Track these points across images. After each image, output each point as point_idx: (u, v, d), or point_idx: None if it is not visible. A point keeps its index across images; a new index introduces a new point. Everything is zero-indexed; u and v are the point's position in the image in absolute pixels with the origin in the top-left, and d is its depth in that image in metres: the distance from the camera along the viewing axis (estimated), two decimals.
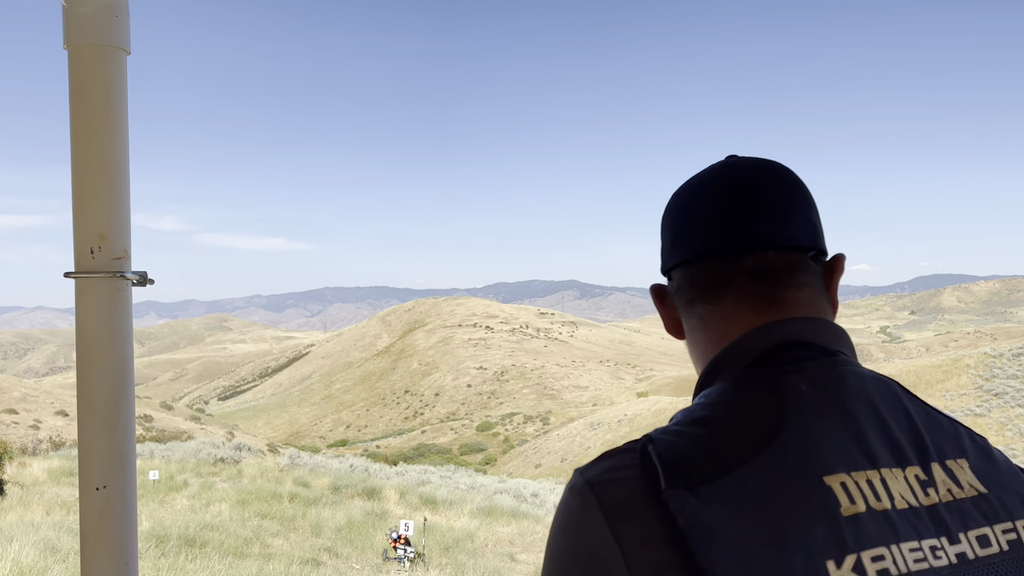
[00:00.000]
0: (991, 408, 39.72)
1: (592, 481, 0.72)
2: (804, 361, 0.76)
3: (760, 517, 0.65)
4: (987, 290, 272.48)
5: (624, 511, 0.68)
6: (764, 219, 0.81)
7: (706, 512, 0.65)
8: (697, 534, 0.64)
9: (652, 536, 0.65)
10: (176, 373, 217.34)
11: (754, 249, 0.81)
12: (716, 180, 0.86)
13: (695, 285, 0.85)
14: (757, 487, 0.66)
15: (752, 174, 0.85)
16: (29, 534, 7.92)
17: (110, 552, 1.15)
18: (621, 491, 0.69)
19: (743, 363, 0.78)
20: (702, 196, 0.86)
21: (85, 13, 1.16)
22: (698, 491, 0.66)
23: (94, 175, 1.17)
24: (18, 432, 33.45)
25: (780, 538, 0.64)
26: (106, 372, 1.15)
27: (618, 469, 0.72)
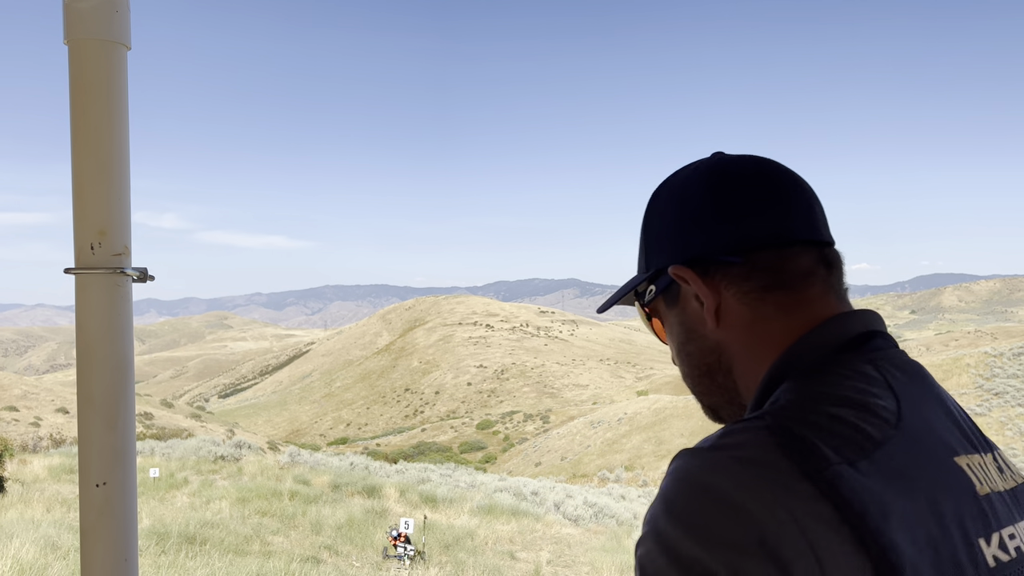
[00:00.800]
0: (991, 407, 39.72)
1: (741, 458, 0.66)
2: (886, 349, 0.78)
3: (915, 493, 0.65)
4: (988, 289, 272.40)
5: (788, 489, 0.63)
6: (823, 214, 0.87)
7: (875, 488, 0.64)
8: (875, 511, 0.62)
9: (822, 514, 0.62)
10: (176, 371, 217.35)
11: (826, 243, 0.86)
12: (767, 168, 0.86)
13: (782, 270, 0.81)
14: (904, 464, 0.67)
15: (790, 170, 0.87)
16: (29, 531, 7.92)
17: (110, 549, 1.15)
18: (776, 467, 0.65)
19: (831, 349, 0.77)
20: (764, 181, 0.84)
21: (85, 8, 1.16)
22: (858, 466, 0.65)
23: (94, 171, 1.16)
24: (19, 429, 33.47)
25: (938, 516, 0.65)
26: (106, 368, 1.15)
27: (759, 446, 0.67)
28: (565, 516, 13.83)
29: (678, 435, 49.22)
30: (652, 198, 0.92)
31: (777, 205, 0.83)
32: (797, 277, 0.81)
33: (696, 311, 0.85)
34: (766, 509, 0.62)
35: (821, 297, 0.82)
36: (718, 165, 0.87)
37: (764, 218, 0.82)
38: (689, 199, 0.85)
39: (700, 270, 0.83)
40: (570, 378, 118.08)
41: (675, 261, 0.85)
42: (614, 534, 12.55)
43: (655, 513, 0.68)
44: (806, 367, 0.76)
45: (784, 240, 0.82)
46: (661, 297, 0.90)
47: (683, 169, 0.91)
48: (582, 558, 10.67)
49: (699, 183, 0.86)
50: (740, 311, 0.82)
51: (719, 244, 0.82)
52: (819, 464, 0.64)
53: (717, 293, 0.83)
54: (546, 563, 10.38)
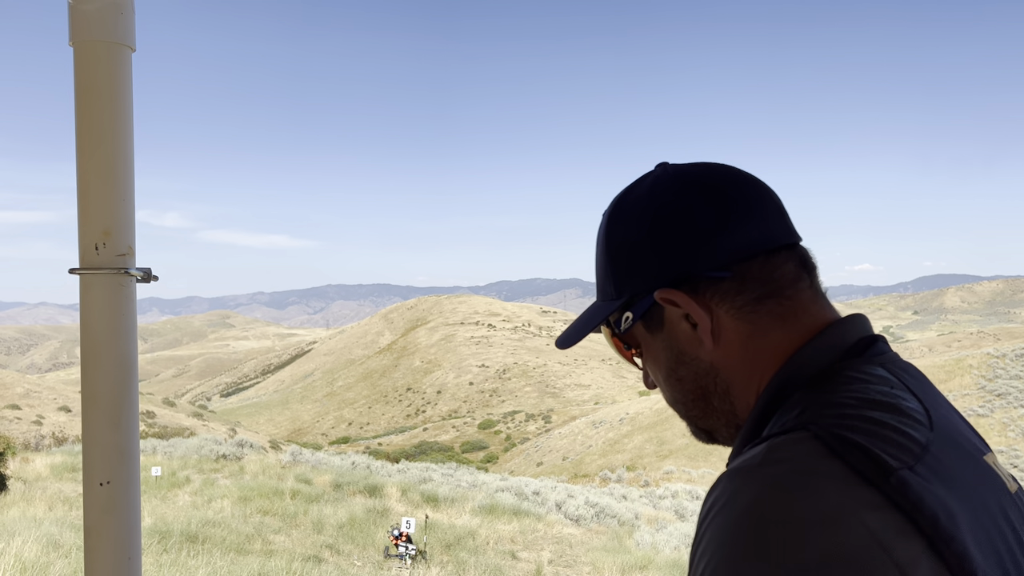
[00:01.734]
0: (994, 409, 39.66)
1: (799, 471, 0.62)
2: (888, 352, 0.77)
3: (968, 495, 0.63)
4: (990, 290, 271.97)
5: (856, 499, 0.59)
6: (787, 213, 0.84)
7: (938, 492, 0.61)
8: (944, 516, 0.59)
9: (894, 522, 0.58)
10: (179, 369, 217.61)
11: (799, 244, 0.83)
12: (734, 175, 0.82)
13: (771, 279, 0.78)
14: (950, 466, 0.64)
15: (750, 174, 0.84)
16: (32, 529, 7.93)
17: (113, 547, 1.16)
18: (837, 477, 0.61)
19: (836, 356, 0.75)
20: (738, 188, 0.81)
21: (91, 10, 1.17)
22: (917, 470, 0.62)
23: (99, 171, 1.17)
24: (21, 428, 33.54)
25: (991, 516, 0.64)
26: (110, 368, 1.16)
27: (813, 456, 0.63)
28: (567, 516, 13.83)
29: (680, 435, 49.18)
30: (610, 220, 0.86)
31: (756, 212, 0.79)
32: (786, 284, 0.78)
33: (687, 333, 0.80)
34: (838, 523, 0.58)
35: (812, 302, 0.79)
36: (684, 177, 0.82)
37: (748, 227, 0.78)
38: (662, 216, 0.80)
39: (689, 289, 0.79)
40: (572, 378, 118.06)
41: (658, 284, 0.80)
42: (616, 534, 12.56)
43: (724, 555, 0.61)
44: (814, 376, 0.74)
45: (770, 247, 0.79)
46: (640, 323, 0.84)
47: (636, 186, 0.85)
48: (583, 558, 10.68)
49: (670, 198, 0.80)
50: (736, 327, 0.78)
51: (706, 260, 0.78)
52: (882, 470, 0.61)
53: (710, 311, 0.78)
54: (548, 563, 10.39)
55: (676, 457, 44.97)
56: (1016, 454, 33.29)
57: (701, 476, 32.03)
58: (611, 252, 0.85)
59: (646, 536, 12.10)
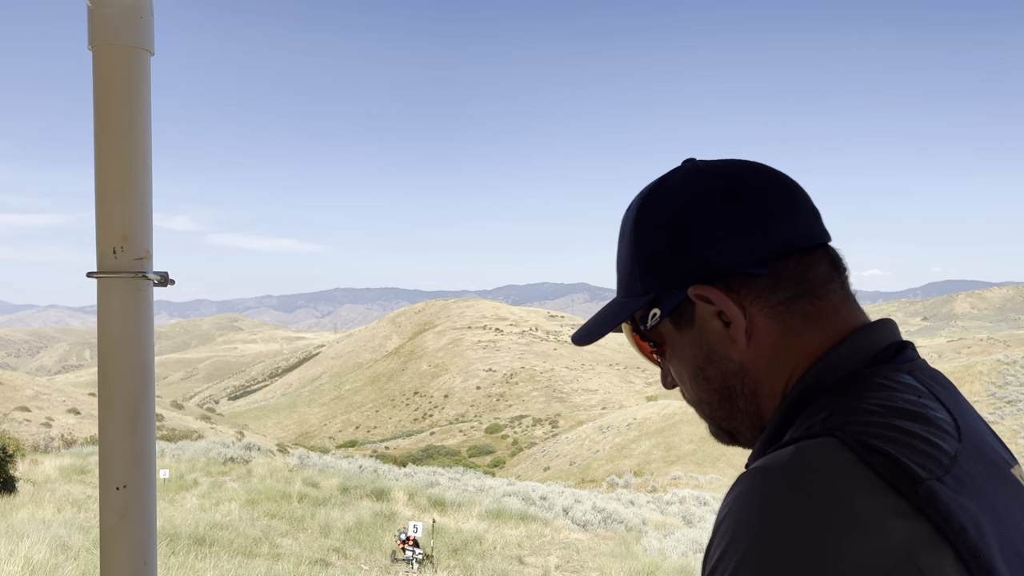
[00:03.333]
0: (1004, 415, 39.43)
1: (825, 474, 0.60)
2: (917, 360, 0.75)
3: (995, 508, 0.62)
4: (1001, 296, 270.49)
5: (883, 507, 0.58)
6: (819, 213, 0.82)
7: (967, 505, 0.60)
8: (972, 529, 0.58)
9: (921, 533, 0.57)
10: (187, 372, 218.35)
11: (829, 243, 0.82)
12: (768, 172, 0.81)
13: (806, 278, 0.76)
14: (978, 478, 0.63)
15: (782, 172, 0.83)
16: (40, 531, 7.96)
17: (130, 551, 1.16)
18: (865, 484, 0.60)
19: (865, 361, 0.73)
20: (774, 185, 0.79)
21: (110, 14, 1.17)
22: (946, 481, 0.60)
23: (117, 176, 1.17)
24: (30, 430, 33.68)
25: (1018, 530, 0.62)
26: (127, 372, 1.16)
27: (840, 462, 0.61)
28: (574, 521, 13.81)
29: (687, 441, 49.06)
30: (638, 214, 0.83)
31: (791, 209, 0.78)
32: (819, 284, 0.77)
33: (718, 331, 0.78)
34: (865, 531, 0.57)
35: (843, 304, 0.77)
36: (719, 172, 0.80)
37: (784, 224, 0.76)
38: (697, 211, 0.78)
39: (724, 286, 0.77)
40: (579, 383, 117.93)
41: (691, 280, 0.78)
42: (623, 540, 12.52)
43: (742, 549, 0.60)
44: (843, 380, 0.72)
45: (804, 245, 0.77)
46: (668, 320, 0.82)
47: (667, 180, 0.83)
48: (590, 563, 10.65)
49: (705, 193, 0.78)
50: (768, 326, 0.76)
51: (742, 256, 0.76)
52: (911, 480, 0.60)
53: (744, 309, 0.76)
54: (554, 568, 10.37)
55: (684, 463, 44.85)
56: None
57: (709, 482, 31.94)
58: (639, 247, 0.82)
59: (653, 542, 12.07)
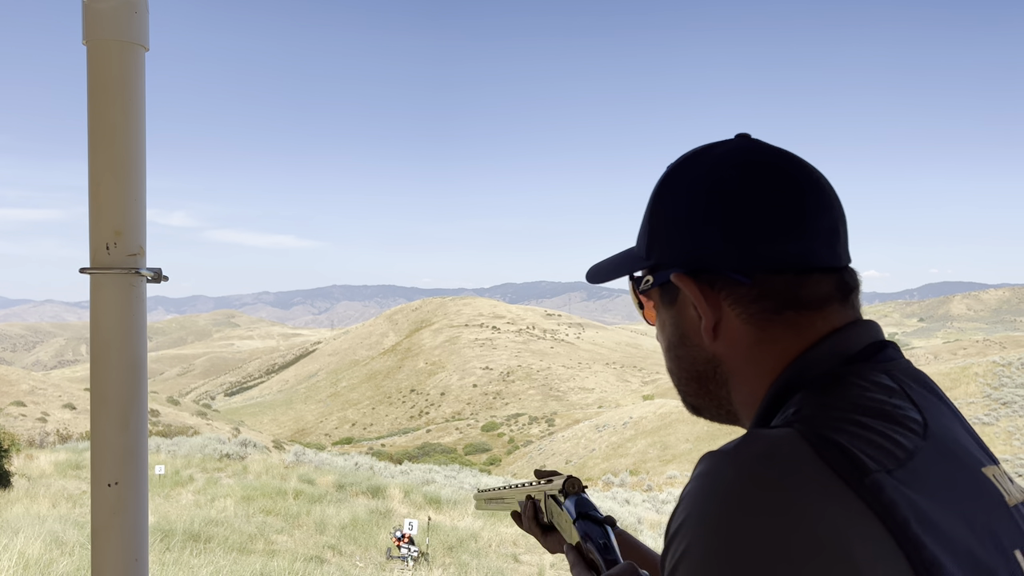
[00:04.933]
0: (999, 417, 39.55)
1: (777, 460, 0.62)
2: (898, 360, 0.75)
3: (950, 504, 0.63)
4: (997, 298, 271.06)
5: (828, 494, 0.59)
6: (846, 234, 0.80)
7: (914, 498, 0.61)
8: (916, 521, 0.59)
9: (864, 521, 0.58)
10: (183, 368, 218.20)
11: (845, 268, 0.79)
12: (798, 178, 0.77)
13: (796, 296, 0.75)
14: (937, 475, 0.64)
15: (820, 175, 0.79)
16: (35, 526, 7.96)
17: (121, 548, 1.15)
18: (814, 471, 0.61)
19: (843, 360, 0.73)
20: (792, 195, 0.76)
21: (105, 9, 1.17)
22: (896, 475, 0.62)
23: (111, 171, 1.17)
24: (26, 424, 33.66)
25: (973, 527, 0.63)
26: (120, 368, 1.16)
27: (794, 450, 0.62)
28: None
29: (683, 440, 49.14)
30: (664, 182, 0.82)
31: (802, 227, 0.74)
32: (812, 301, 0.75)
33: (693, 319, 0.78)
34: (799, 516, 0.58)
35: (836, 315, 0.76)
36: (750, 167, 0.77)
37: (788, 241, 0.74)
38: (706, 198, 0.76)
39: (705, 281, 0.76)
40: (576, 381, 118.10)
41: (679, 264, 0.78)
42: None
43: (690, 525, 0.62)
44: (818, 378, 0.72)
45: (803, 267, 0.74)
46: (657, 291, 0.83)
47: (703, 155, 0.80)
48: None
49: (722, 185, 0.76)
50: (743, 330, 0.75)
51: (731, 260, 0.75)
52: (858, 471, 0.61)
53: (718, 309, 0.76)
54: (549, 566, 10.38)
55: (679, 462, 44.93)
56: (1022, 462, 33.17)
57: None
58: (653, 215, 0.82)
59: (649, 540, 12.08)
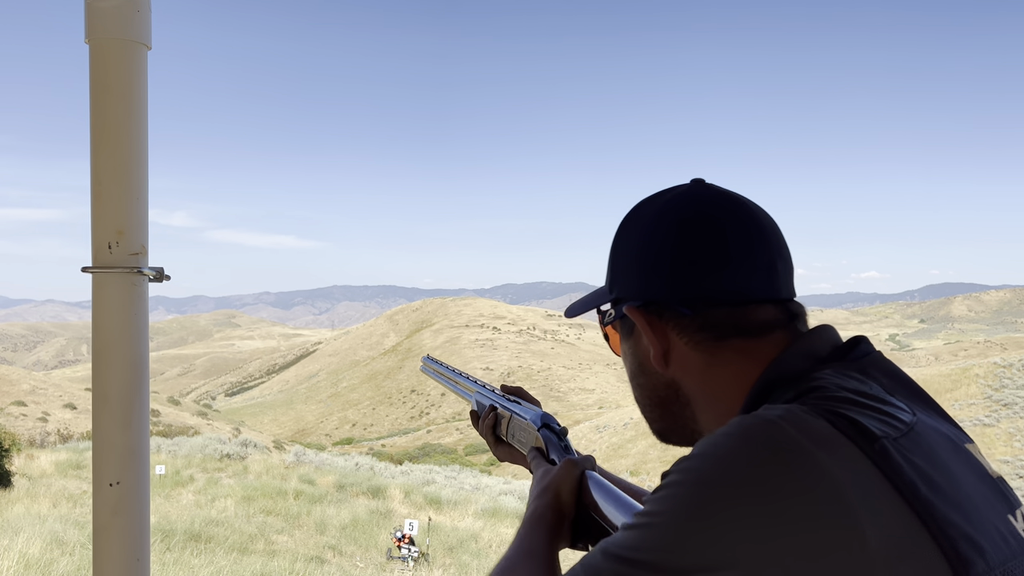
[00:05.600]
0: (1000, 418, 39.49)
1: (788, 421, 0.65)
2: (871, 354, 0.79)
3: (949, 472, 0.66)
4: (998, 299, 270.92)
5: (838, 455, 0.63)
6: (787, 270, 0.85)
7: (919, 464, 0.64)
8: (923, 484, 0.63)
9: (875, 482, 0.62)
10: (184, 368, 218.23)
11: (790, 299, 0.85)
12: (738, 217, 0.83)
13: (737, 324, 0.81)
14: (932, 446, 0.68)
15: (760, 216, 0.85)
16: (36, 526, 7.95)
17: (122, 548, 1.15)
18: (823, 432, 0.64)
19: (814, 361, 0.78)
20: (731, 234, 0.82)
21: (107, 7, 1.17)
22: (900, 443, 0.65)
23: (113, 171, 1.17)
24: (26, 424, 33.65)
25: (970, 493, 0.66)
26: (122, 368, 1.15)
27: (805, 414, 0.66)
28: None
29: None
30: (625, 221, 0.90)
31: (739, 263, 0.81)
32: (755, 327, 0.81)
33: (647, 350, 0.85)
34: (817, 469, 0.61)
35: (782, 340, 0.81)
36: (689, 207, 0.84)
37: (722, 277, 0.80)
38: (654, 239, 0.84)
39: (654, 312, 0.83)
40: (576, 382, 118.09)
41: (632, 297, 0.85)
42: None
43: (694, 454, 0.66)
44: (795, 378, 0.76)
45: (740, 301, 0.81)
46: (619, 323, 0.91)
47: (659, 197, 0.88)
48: None
49: (666, 224, 0.84)
50: (693, 357, 0.82)
51: (674, 293, 0.82)
52: (867, 436, 0.64)
53: (666, 339, 0.83)
54: None
55: None
56: (1023, 464, 33.13)
57: None
58: (613, 253, 0.91)
59: None
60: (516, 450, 1.19)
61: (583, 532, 0.95)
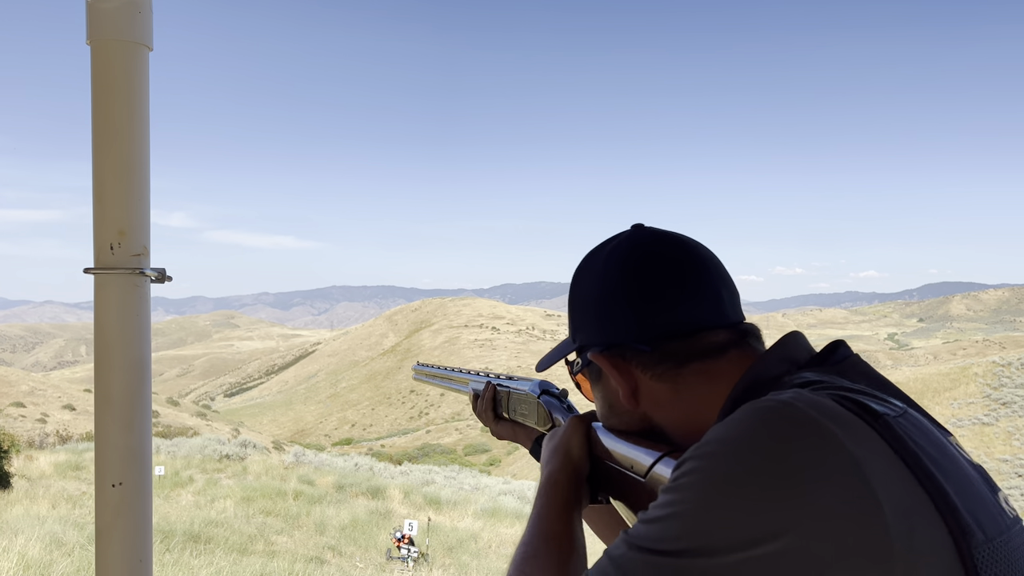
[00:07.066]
0: (999, 417, 39.52)
1: (799, 401, 0.68)
2: (850, 357, 0.82)
3: (943, 450, 0.70)
4: (996, 298, 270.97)
5: (846, 427, 0.65)
6: (731, 295, 0.90)
7: (918, 440, 0.68)
8: (924, 457, 0.66)
9: (881, 452, 0.65)
10: (183, 369, 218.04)
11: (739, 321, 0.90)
12: (677, 255, 0.89)
13: (693, 350, 0.85)
14: (923, 429, 0.71)
15: (698, 251, 0.91)
16: (35, 527, 7.94)
17: (125, 549, 1.15)
18: (829, 407, 0.67)
19: (792, 365, 0.81)
20: (673, 272, 0.87)
21: (108, 8, 1.17)
22: (898, 421, 0.69)
23: (115, 171, 1.17)
24: (25, 425, 33.59)
25: (966, 473, 0.69)
26: (124, 368, 1.15)
27: (809, 395, 0.70)
28: None
29: None
30: (576, 274, 0.96)
31: (687, 296, 0.86)
32: (711, 349, 0.85)
33: (616, 390, 0.90)
34: (835, 443, 0.64)
35: (739, 357, 0.85)
36: (632, 253, 0.90)
37: (675, 311, 0.86)
38: (605, 285, 0.90)
39: (617, 354, 0.88)
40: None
41: (594, 344, 0.90)
42: None
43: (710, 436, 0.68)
44: (774, 381, 0.79)
45: (689, 331, 0.86)
46: (587, 370, 0.96)
47: (603, 247, 0.94)
48: None
49: (615, 271, 0.89)
50: (659, 388, 0.87)
51: (631, 334, 0.87)
52: (871, 413, 0.68)
53: (632, 377, 0.88)
54: None
55: None
56: (1021, 463, 33.15)
57: None
58: (571, 303, 0.96)
59: None
60: (517, 425, 1.22)
61: (602, 485, 0.97)
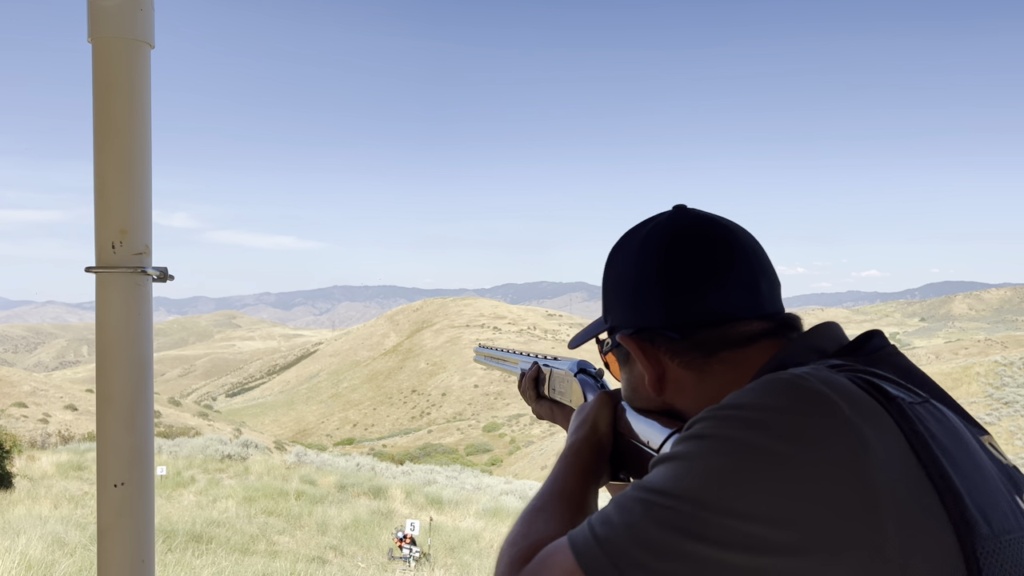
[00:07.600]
0: (1001, 416, 39.50)
1: (815, 377, 0.67)
2: (885, 347, 0.80)
3: (961, 444, 0.68)
4: (999, 298, 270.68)
5: (860, 408, 0.65)
6: (771, 286, 0.88)
7: (934, 429, 0.66)
8: (936, 447, 0.64)
9: (893, 435, 0.64)
10: (184, 369, 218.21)
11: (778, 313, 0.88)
12: (718, 240, 0.86)
13: (723, 339, 0.84)
14: (943, 422, 0.69)
15: (740, 237, 0.88)
16: (37, 527, 7.95)
17: (127, 549, 1.15)
18: (846, 387, 0.66)
19: (819, 355, 0.79)
20: (711, 257, 0.85)
21: (110, 6, 1.16)
22: (916, 407, 0.68)
23: (117, 170, 1.16)
24: (27, 426, 33.63)
25: (981, 468, 0.67)
26: (125, 368, 1.15)
27: (826, 372, 0.69)
28: None
29: None
30: (612, 253, 0.94)
31: (723, 284, 0.84)
32: (743, 339, 0.83)
33: (641, 375, 0.89)
34: (842, 420, 0.63)
35: (771, 347, 0.83)
36: (670, 235, 0.88)
37: (708, 299, 0.84)
38: (640, 269, 0.88)
39: (646, 338, 0.87)
40: None
41: (625, 326, 0.89)
42: None
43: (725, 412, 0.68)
44: None
45: (722, 320, 0.84)
46: (616, 350, 0.96)
47: (642, 227, 0.92)
48: None
49: (650, 254, 0.88)
50: (686, 375, 0.85)
51: (662, 319, 0.85)
52: (886, 395, 0.67)
53: (660, 364, 0.86)
54: None
55: None
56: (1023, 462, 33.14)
57: None
58: (604, 282, 0.95)
59: None
60: (556, 405, 1.24)
61: (624, 464, 0.97)
